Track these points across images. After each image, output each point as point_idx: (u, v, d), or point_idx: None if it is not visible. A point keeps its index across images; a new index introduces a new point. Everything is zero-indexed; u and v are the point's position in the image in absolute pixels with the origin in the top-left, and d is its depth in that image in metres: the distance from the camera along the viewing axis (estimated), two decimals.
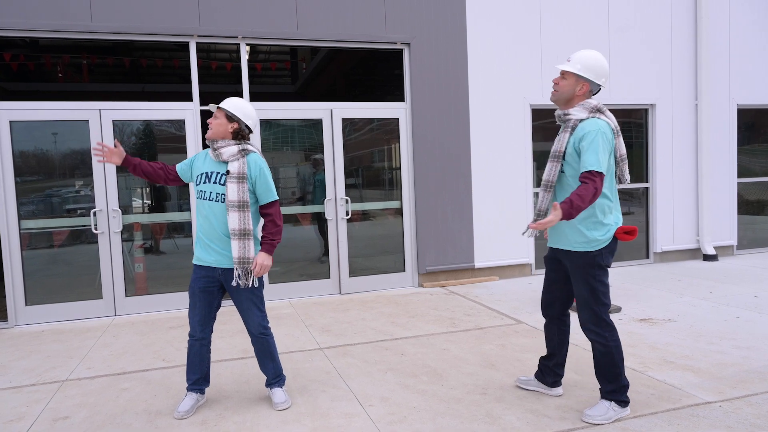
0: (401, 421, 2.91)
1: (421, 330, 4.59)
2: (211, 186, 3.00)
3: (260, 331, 3.11)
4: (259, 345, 3.14)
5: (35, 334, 4.88)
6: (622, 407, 2.84)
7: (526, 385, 3.27)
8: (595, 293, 2.79)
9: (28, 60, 5.33)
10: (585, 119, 2.76)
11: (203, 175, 3.04)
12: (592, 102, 2.79)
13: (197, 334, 3.08)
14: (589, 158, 2.66)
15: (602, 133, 2.67)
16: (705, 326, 4.40)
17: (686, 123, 7.33)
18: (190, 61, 5.59)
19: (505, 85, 6.54)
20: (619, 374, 2.82)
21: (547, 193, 2.89)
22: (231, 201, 2.95)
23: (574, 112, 2.79)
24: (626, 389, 2.83)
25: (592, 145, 2.66)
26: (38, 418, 3.11)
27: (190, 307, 3.08)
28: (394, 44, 6.21)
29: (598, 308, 2.80)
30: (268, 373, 3.19)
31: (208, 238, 3.02)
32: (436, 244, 6.34)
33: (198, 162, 3.12)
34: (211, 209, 3.00)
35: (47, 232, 5.32)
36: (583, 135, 2.70)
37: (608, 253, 2.79)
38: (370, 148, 6.29)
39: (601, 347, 2.81)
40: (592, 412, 2.82)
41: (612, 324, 2.82)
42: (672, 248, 7.33)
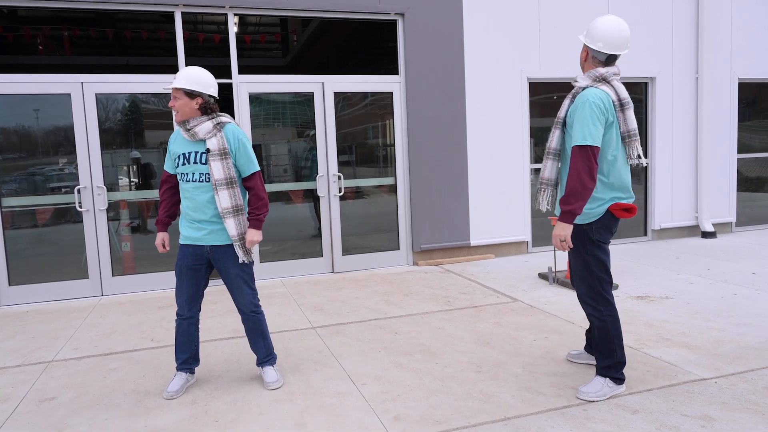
0: (395, 399, 2.91)
1: (416, 308, 4.58)
2: (192, 167, 2.92)
3: (251, 309, 3.09)
4: (250, 323, 3.12)
5: (20, 315, 4.84)
6: (617, 384, 2.84)
7: (577, 359, 3.29)
8: (589, 267, 2.79)
9: (6, 32, 5.16)
10: (585, 87, 2.75)
11: (181, 157, 2.95)
12: (600, 70, 2.75)
13: (185, 313, 3.05)
14: (574, 131, 2.66)
15: (590, 104, 2.63)
16: (702, 303, 4.42)
17: (686, 97, 7.26)
18: (176, 33, 5.44)
19: (502, 58, 6.43)
20: (614, 350, 2.82)
21: (548, 160, 2.86)
22: (218, 179, 2.88)
23: (580, 79, 2.80)
24: (622, 366, 2.84)
25: (579, 117, 2.64)
26: (23, 399, 3.09)
27: (177, 286, 3.05)
28: (387, 15, 6.07)
29: (593, 282, 2.80)
30: (260, 352, 3.17)
31: (196, 219, 2.98)
32: (431, 222, 6.31)
33: (174, 146, 3.00)
34: (196, 190, 2.94)
35: (30, 211, 5.24)
36: (576, 106, 2.69)
37: (602, 229, 2.76)
38: (363, 123, 6.20)
39: (597, 321, 2.83)
40: (587, 389, 2.84)
41: (610, 300, 2.82)
42: (670, 225, 7.34)
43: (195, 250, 3.01)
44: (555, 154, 2.85)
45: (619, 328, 2.82)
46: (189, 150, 2.95)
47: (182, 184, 2.99)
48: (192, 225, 3.00)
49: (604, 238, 2.77)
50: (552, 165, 2.86)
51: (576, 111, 2.67)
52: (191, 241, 3.01)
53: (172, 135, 3.06)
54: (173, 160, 3.03)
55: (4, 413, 2.91)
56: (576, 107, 2.68)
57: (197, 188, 2.93)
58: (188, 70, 2.91)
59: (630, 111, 2.73)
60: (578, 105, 2.67)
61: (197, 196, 2.94)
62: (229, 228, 2.92)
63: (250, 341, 3.17)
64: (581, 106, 2.65)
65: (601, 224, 2.76)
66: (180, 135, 3.01)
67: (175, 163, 3.01)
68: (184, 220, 3.03)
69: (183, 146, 2.97)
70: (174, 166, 3.05)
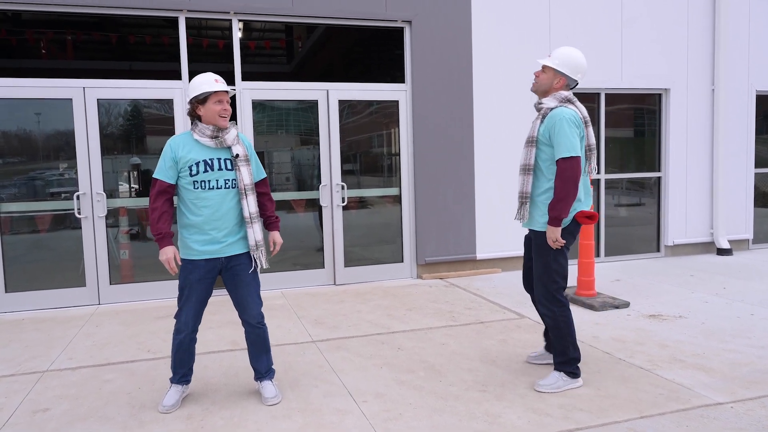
0: (396, 418, 2.89)
1: (419, 323, 4.57)
2: (217, 173, 2.93)
3: (258, 320, 3.11)
4: (255, 336, 3.13)
5: (15, 322, 4.87)
6: (572, 378, 3.18)
7: (538, 360, 3.58)
8: (549, 271, 3.13)
9: (9, 35, 5.25)
10: (554, 108, 3.09)
11: (202, 164, 2.90)
12: (564, 93, 3.14)
13: (189, 329, 3.03)
14: (559, 145, 3.01)
15: (567, 120, 3.01)
16: (717, 323, 4.38)
17: (702, 109, 7.26)
18: (180, 38, 5.51)
19: (512, 67, 6.47)
20: (567, 347, 3.17)
21: (527, 176, 3.20)
22: (247, 185, 2.97)
23: (546, 101, 3.16)
24: (576, 362, 3.19)
25: (560, 132, 3.01)
26: (17, 409, 3.10)
27: (184, 302, 2.99)
28: (394, 22, 6.12)
29: (550, 285, 3.14)
30: (261, 365, 3.17)
31: (216, 229, 2.95)
32: (437, 234, 6.31)
33: (183, 152, 2.91)
34: (222, 198, 2.94)
35: (29, 216, 5.29)
36: (552, 123, 3.04)
37: (568, 234, 3.12)
38: (368, 132, 6.23)
39: (550, 321, 3.17)
40: (544, 382, 3.18)
41: (563, 301, 3.16)
42: (684, 241, 7.30)
43: (209, 264, 2.98)
44: (529, 169, 3.18)
45: (571, 327, 3.16)
46: (212, 156, 2.94)
47: (199, 192, 2.91)
48: (207, 237, 2.95)
49: (568, 244, 3.14)
50: (525, 179, 3.20)
51: (555, 127, 3.03)
52: (208, 255, 2.96)
53: (175, 142, 2.95)
54: (187, 168, 2.91)
55: None
56: (554, 124, 3.03)
57: (223, 196, 2.95)
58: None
59: (590, 128, 3.15)
60: (556, 122, 3.02)
61: (222, 204, 2.95)
62: (255, 233, 3.00)
63: (253, 354, 3.17)
64: (559, 122, 3.01)
65: (568, 231, 3.13)
66: (192, 141, 2.94)
67: (189, 171, 2.90)
68: (195, 234, 2.95)
69: (202, 153, 2.93)
70: (186, 174, 2.91)
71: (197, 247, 2.95)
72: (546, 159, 3.12)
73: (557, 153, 3.01)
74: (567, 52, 3.16)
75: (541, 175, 3.16)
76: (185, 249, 2.99)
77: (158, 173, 2.94)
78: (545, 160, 3.13)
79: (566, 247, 3.15)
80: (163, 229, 2.90)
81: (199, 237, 2.95)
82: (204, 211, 2.93)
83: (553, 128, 3.04)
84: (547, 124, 3.08)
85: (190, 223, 2.96)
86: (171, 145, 2.94)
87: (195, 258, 2.97)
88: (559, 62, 3.15)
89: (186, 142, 2.96)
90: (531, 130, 3.20)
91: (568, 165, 2.98)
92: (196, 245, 2.95)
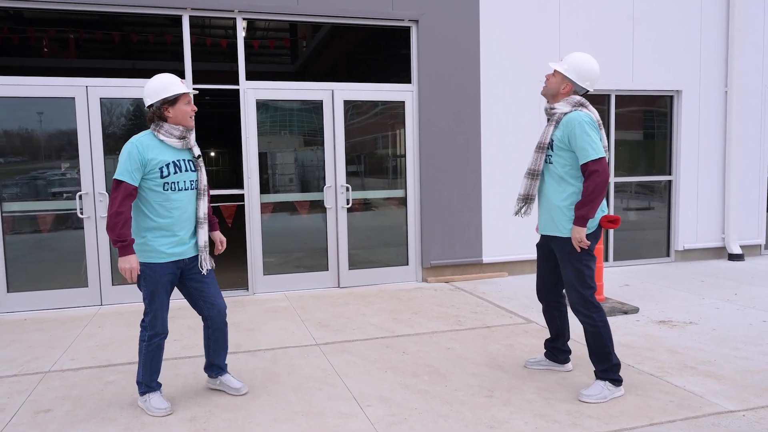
0: (401, 423, 2.91)
1: (424, 327, 4.59)
2: (184, 175, 3.00)
3: (225, 313, 3.23)
4: (220, 331, 3.23)
5: (17, 323, 4.91)
6: (615, 386, 3.14)
7: (537, 365, 3.61)
8: (581, 276, 3.11)
9: (12, 33, 5.30)
10: (568, 112, 3.11)
11: (171, 165, 2.93)
12: (576, 97, 3.16)
13: (166, 331, 3.08)
14: (584, 150, 3.02)
15: (587, 122, 3.03)
16: (729, 330, 4.38)
17: (714, 111, 7.25)
18: (183, 37, 5.55)
19: (520, 68, 6.48)
20: (609, 353, 3.13)
21: (533, 180, 3.25)
22: (205, 186, 3.07)
23: (559, 106, 3.17)
24: (618, 368, 3.14)
25: (582, 135, 3.02)
26: (19, 410, 3.13)
27: (158, 306, 3.00)
28: (401, 21, 6.15)
29: (584, 291, 3.12)
30: (222, 360, 3.30)
31: (184, 230, 3.02)
32: (442, 237, 6.32)
33: (150, 154, 2.88)
34: (188, 198, 3.03)
35: (31, 216, 5.34)
36: (571, 128, 3.05)
37: (594, 239, 3.14)
38: (373, 133, 6.26)
39: (591, 328, 3.13)
40: (588, 392, 3.12)
41: (599, 305, 3.14)
42: (695, 246, 7.29)
43: (175, 265, 3.02)
44: (537, 175, 3.23)
45: (610, 331, 3.13)
46: (178, 158, 2.99)
47: (169, 194, 2.93)
48: (175, 239, 2.98)
49: (594, 248, 3.14)
50: (530, 183, 3.25)
51: (575, 132, 3.04)
52: (176, 257, 3.00)
53: (141, 143, 2.89)
54: (158, 170, 2.90)
55: None
56: (572, 129, 3.04)
57: (189, 197, 3.03)
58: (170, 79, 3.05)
59: (602, 130, 3.15)
60: (575, 126, 3.04)
61: (189, 205, 3.02)
62: (202, 235, 3.07)
63: (216, 351, 3.26)
64: (579, 126, 3.02)
65: (594, 235, 3.15)
66: (156, 142, 2.94)
67: (160, 173, 2.90)
68: (161, 237, 2.94)
69: (169, 154, 2.95)
70: (156, 176, 2.90)
71: (166, 250, 2.96)
72: (566, 164, 3.12)
73: (584, 157, 3.02)
74: (579, 58, 3.17)
75: (561, 180, 3.16)
76: (150, 253, 2.95)
77: (123, 175, 2.83)
78: (565, 166, 3.13)
79: (591, 251, 3.13)
80: (127, 235, 2.84)
81: (166, 240, 2.96)
82: (174, 213, 2.96)
83: (572, 133, 3.05)
84: (565, 130, 3.09)
85: (155, 226, 2.94)
86: (138, 147, 2.87)
87: (164, 261, 2.97)
88: (568, 68, 3.17)
89: (151, 143, 2.93)
90: (542, 136, 3.20)
91: (598, 166, 2.98)
92: (164, 248, 2.95)
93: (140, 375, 3.07)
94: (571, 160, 3.11)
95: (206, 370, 3.35)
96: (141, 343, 3.04)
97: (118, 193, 2.83)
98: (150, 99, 2.94)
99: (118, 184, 2.84)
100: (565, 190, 3.14)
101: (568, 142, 3.07)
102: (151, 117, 2.96)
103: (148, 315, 3.01)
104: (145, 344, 3.03)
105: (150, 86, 2.95)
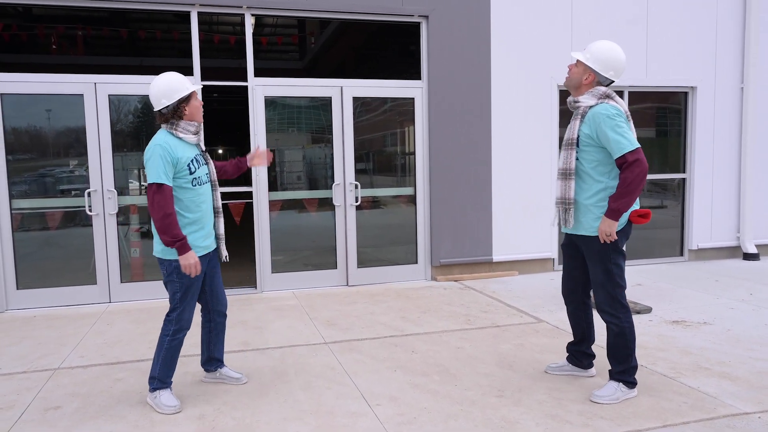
0: (410, 422, 2.91)
1: (434, 326, 4.59)
2: (203, 169, 3.14)
3: (226, 308, 3.37)
4: (221, 325, 3.38)
5: (27, 320, 4.97)
6: (629, 388, 3.10)
7: (560, 371, 3.50)
8: (610, 275, 3.04)
9: (20, 30, 5.36)
10: (594, 105, 2.99)
11: (194, 161, 3.07)
12: (601, 89, 3.03)
13: (189, 326, 3.15)
14: (617, 143, 2.88)
15: (616, 115, 2.90)
16: (744, 330, 4.34)
17: (730, 108, 7.18)
18: (192, 34, 5.58)
19: (532, 64, 6.45)
20: (630, 355, 3.07)
21: (568, 180, 3.08)
22: (215, 178, 3.23)
23: (584, 99, 3.05)
24: (635, 370, 3.09)
25: (613, 127, 2.89)
26: (29, 407, 3.17)
27: (188, 300, 3.06)
28: (411, 17, 6.14)
29: (613, 290, 3.05)
30: (221, 353, 3.42)
31: (209, 222, 3.17)
32: (452, 235, 6.32)
33: (178, 152, 2.96)
34: (209, 191, 3.17)
35: (40, 213, 5.39)
36: (598, 122, 2.93)
37: (623, 236, 3.04)
38: (382, 130, 6.26)
39: (616, 328, 3.07)
40: (601, 393, 3.08)
41: (627, 306, 3.07)
42: (709, 245, 7.23)
43: (206, 258, 3.18)
44: (570, 174, 3.07)
45: (634, 333, 3.07)
46: (195, 153, 3.13)
47: (198, 189, 3.07)
48: (206, 231, 3.13)
49: (623, 245, 3.06)
50: (570, 185, 3.07)
51: (602, 126, 2.91)
52: (207, 249, 3.16)
53: (167, 143, 2.94)
54: (186, 168, 2.99)
55: (9, 421, 2.99)
56: (599, 123, 2.92)
57: (209, 189, 3.17)
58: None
59: (631, 122, 3.03)
60: (602, 120, 2.91)
61: (210, 198, 3.16)
62: (221, 225, 3.23)
63: (215, 344, 3.40)
64: (606, 119, 2.90)
65: (624, 232, 3.04)
66: (176, 141, 3.01)
67: (189, 170, 3.01)
68: (196, 231, 3.05)
69: (189, 150, 3.07)
70: (186, 173, 2.99)
71: (200, 243, 3.10)
72: (592, 161, 3.00)
73: (619, 150, 2.87)
74: (602, 46, 3.03)
75: (588, 177, 3.04)
76: (193, 248, 3.09)
77: (161, 178, 2.89)
78: (591, 162, 3.01)
79: (621, 248, 3.04)
80: (181, 234, 2.93)
81: (199, 234, 3.09)
82: (202, 206, 3.11)
83: (599, 127, 2.92)
84: (590, 124, 2.96)
85: (188, 222, 3.04)
86: (166, 147, 2.93)
87: (199, 254, 3.11)
88: (590, 57, 3.04)
89: (173, 141, 3.00)
90: (569, 132, 3.07)
91: (638, 155, 2.84)
92: (198, 242, 3.09)
93: (155, 370, 3.10)
94: (600, 156, 2.98)
95: (205, 365, 3.45)
96: (164, 338, 3.08)
97: (160, 195, 2.88)
98: (167, 99, 2.99)
99: (158, 188, 2.89)
100: (591, 187, 3.03)
101: (597, 137, 2.95)
102: (167, 117, 3.01)
103: (176, 311, 3.07)
104: (168, 339, 3.09)
105: (162, 87, 2.99)
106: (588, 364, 3.44)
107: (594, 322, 3.42)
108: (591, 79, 3.05)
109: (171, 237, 2.89)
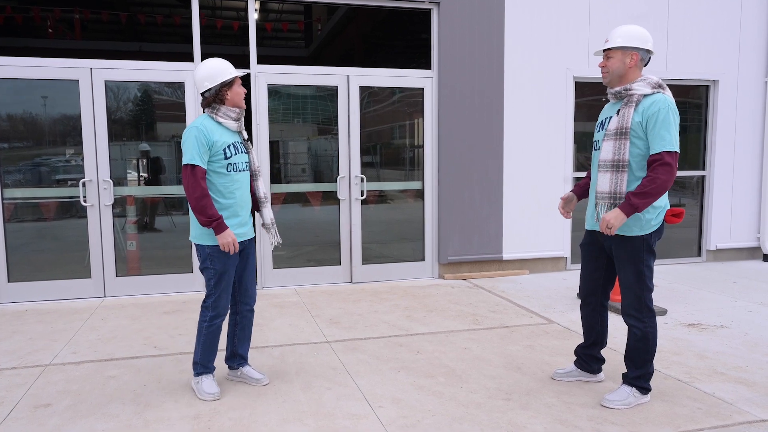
0: (414, 425, 2.91)
1: (440, 326, 4.58)
2: (242, 156, 3.20)
3: (254, 303, 3.40)
4: (249, 320, 3.42)
5: (18, 314, 4.99)
6: (642, 394, 3.09)
7: (567, 377, 3.45)
8: (641, 277, 3.00)
9: (15, 13, 5.36)
10: (650, 94, 2.92)
11: (231, 147, 3.13)
12: (653, 78, 2.97)
13: (226, 312, 3.26)
14: (663, 138, 2.84)
15: (673, 110, 2.86)
16: (762, 334, 4.31)
17: (753, 103, 7.10)
18: (192, 19, 5.56)
19: (547, 54, 6.40)
20: (648, 360, 3.05)
21: (621, 173, 2.96)
22: (257, 166, 3.32)
23: (637, 87, 2.96)
24: (651, 376, 3.08)
25: (665, 123, 2.83)
26: (18, 404, 3.18)
27: (224, 287, 3.17)
28: (421, 3, 6.10)
29: (642, 293, 3.01)
30: (246, 349, 3.44)
31: (244, 210, 3.23)
32: (461, 232, 6.29)
33: (216, 135, 3.06)
34: (245, 179, 3.22)
35: (33, 204, 5.41)
36: (656, 111, 2.86)
37: (656, 236, 3.00)
38: (390, 122, 6.23)
39: (639, 332, 3.03)
40: (612, 397, 3.07)
41: (653, 310, 3.04)
42: (728, 246, 7.17)
43: (240, 245, 3.25)
44: (624, 166, 2.94)
45: (657, 338, 3.12)
46: (234, 140, 3.18)
47: (233, 175, 3.12)
48: (240, 219, 3.20)
49: (655, 245, 3.02)
50: (623, 178, 2.95)
51: (658, 117, 2.85)
52: (241, 237, 3.22)
53: (205, 126, 3.05)
54: (221, 152, 3.06)
55: None
56: (656, 114, 2.85)
57: (246, 177, 3.23)
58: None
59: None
60: (660, 111, 2.84)
61: (247, 186, 3.23)
62: (269, 213, 3.36)
63: (241, 338, 3.42)
64: (665, 112, 2.84)
65: (658, 233, 3.01)
66: (215, 125, 3.10)
67: (224, 155, 3.08)
68: (229, 218, 3.15)
69: (227, 136, 3.13)
70: (221, 158, 3.07)
71: (234, 230, 3.16)
72: (637, 154, 2.93)
73: (660, 146, 2.82)
74: (625, 27, 3.02)
75: (629, 172, 2.96)
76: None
77: (195, 159, 2.99)
78: (635, 155, 2.93)
79: (653, 249, 3.00)
80: (217, 214, 3.02)
81: (233, 220, 3.15)
82: (236, 193, 3.16)
83: (654, 117, 2.84)
84: (645, 114, 2.87)
85: (221, 207, 3.14)
86: (202, 130, 3.03)
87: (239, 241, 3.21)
88: (623, 39, 2.99)
89: (211, 125, 3.10)
90: (622, 120, 2.94)
91: (672, 159, 2.81)
92: (232, 228, 3.15)
93: (198, 355, 3.23)
94: (643, 148, 2.91)
95: (228, 360, 3.46)
96: (201, 324, 3.20)
97: (194, 177, 3.00)
98: (210, 83, 3.09)
99: (192, 169, 3.00)
100: (632, 183, 2.97)
101: (645, 127, 2.88)
102: (209, 101, 3.11)
103: (211, 297, 3.17)
104: (206, 325, 3.19)
105: (205, 71, 3.09)
106: (597, 369, 3.40)
107: (608, 326, 3.39)
108: (636, 60, 2.98)
109: (207, 217, 2.99)
